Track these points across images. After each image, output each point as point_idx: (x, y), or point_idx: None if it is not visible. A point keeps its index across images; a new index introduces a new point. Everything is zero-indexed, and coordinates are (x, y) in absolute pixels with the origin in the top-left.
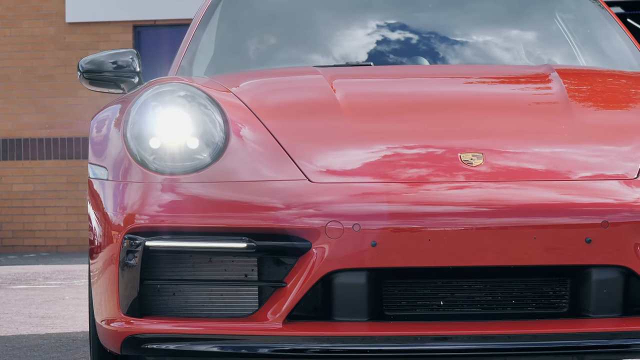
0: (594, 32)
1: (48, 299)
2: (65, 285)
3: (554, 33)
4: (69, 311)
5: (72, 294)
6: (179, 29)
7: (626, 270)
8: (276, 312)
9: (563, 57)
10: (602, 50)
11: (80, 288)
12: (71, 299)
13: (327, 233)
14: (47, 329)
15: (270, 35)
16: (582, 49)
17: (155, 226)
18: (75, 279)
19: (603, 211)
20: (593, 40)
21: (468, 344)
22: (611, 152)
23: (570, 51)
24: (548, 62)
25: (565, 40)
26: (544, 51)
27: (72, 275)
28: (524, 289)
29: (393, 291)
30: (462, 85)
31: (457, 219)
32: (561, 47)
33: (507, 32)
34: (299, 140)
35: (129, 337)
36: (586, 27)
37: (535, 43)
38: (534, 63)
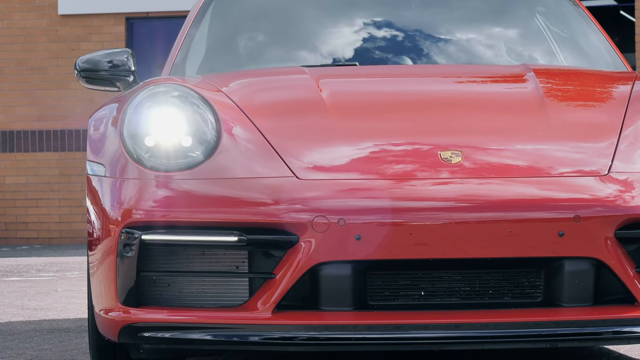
0: (572, 31)
1: (40, 291)
2: (58, 277)
3: (534, 31)
4: (62, 303)
5: (65, 286)
6: (171, 21)
7: (597, 262)
8: (266, 302)
9: (543, 54)
10: (580, 49)
11: (72, 280)
12: (64, 291)
13: (313, 227)
14: (40, 321)
15: (261, 34)
16: (561, 48)
17: (151, 221)
18: (67, 271)
19: (575, 206)
20: (571, 39)
21: (448, 332)
22: (584, 149)
23: (550, 49)
24: (529, 58)
25: (545, 39)
26: (525, 48)
27: (65, 268)
28: (501, 279)
29: (376, 282)
30: (443, 84)
31: (437, 214)
32: (541, 45)
33: (489, 30)
34: (287, 138)
35: (126, 326)
36: (565, 26)
37: (517, 40)
38: (515, 60)
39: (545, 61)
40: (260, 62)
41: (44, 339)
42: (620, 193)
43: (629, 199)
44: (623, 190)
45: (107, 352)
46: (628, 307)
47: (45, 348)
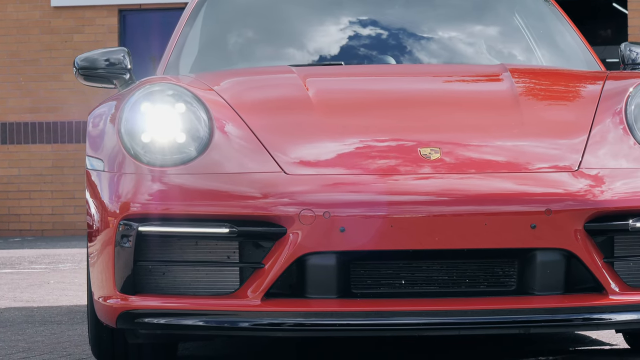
0: (549, 30)
1: (33, 283)
2: (50, 269)
3: (513, 30)
4: (54, 295)
5: (57, 278)
6: (164, 13)
7: (567, 252)
8: (255, 290)
9: (522, 52)
10: (556, 48)
11: (65, 272)
12: (56, 283)
13: (300, 220)
14: (32, 313)
15: (252, 34)
16: (539, 46)
17: (147, 213)
18: (60, 263)
19: (546, 200)
20: (548, 38)
21: (427, 318)
22: (555, 146)
23: (529, 47)
24: (508, 56)
25: (524, 37)
26: (504, 46)
27: (57, 260)
28: (477, 269)
29: (359, 271)
30: (423, 83)
31: (416, 207)
32: (520, 44)
33: (470, 29)
34: (276, 135)
35: (124, 312)
36: (542, 25)
37: (497, 38)
38: (495, 57)
39: (524, 58)
40: (251, 60)
41: (36, 331)
42: (590, 188)
43: (597, 193)
44: (592, 185)
45: (106, 337)
46: (597, 295)
47: (37, 340)
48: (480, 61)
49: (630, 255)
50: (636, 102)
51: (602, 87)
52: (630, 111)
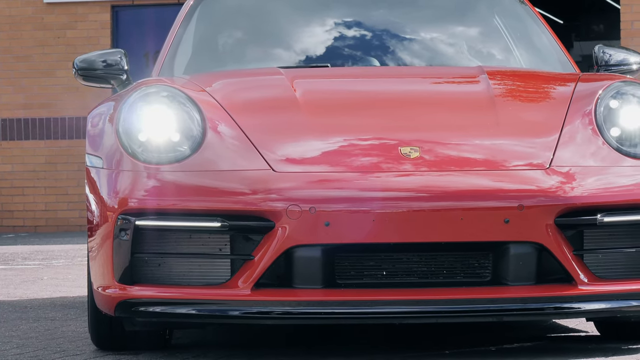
0: (527, 33)
1: (26, 279)
2: (44, 265)
3: (494, 32)
4: (47, 291)
5: (51, 274)
6: (156, 9)
7: (539, 245)
8: (245, 281)
9: (501, 53)
10: (533, 50)
11: (58, 268)
12: (49, 279)
13: (287, 214)
14: (26, 309)
15: (243, 37)
16: (518, 48)
17: (144, 208)
18: (53, 259)
19: (519, 196)
20: (526, 40)
21: (407, 307)
22: (528, 144)
23: (508, 48)
24: (488, 56)
25: (503, 39)
26: (484, 46)
27: (51, 256)
28: (454, 261)
29: (343, 263)
30: (405, 85)
31: (397, 203)
32: (500, 45)
33: (452, 31)
34: (264, 134)
35: (122, 301)
36: (521, 28)
37: (478, 39)
38: (476, 58)
39: (503, 58)
40: (242, 62)
41: (30, 327)
42: (560, 184)
43: (567, 189)
44: (562, 182)
45: (104, 325)
46: (567, 285)
47: (31, 336)
48: (462, 62)
49: (598, 248)
50: (605, 103)
51: (573, 89)
52: (599, 112)
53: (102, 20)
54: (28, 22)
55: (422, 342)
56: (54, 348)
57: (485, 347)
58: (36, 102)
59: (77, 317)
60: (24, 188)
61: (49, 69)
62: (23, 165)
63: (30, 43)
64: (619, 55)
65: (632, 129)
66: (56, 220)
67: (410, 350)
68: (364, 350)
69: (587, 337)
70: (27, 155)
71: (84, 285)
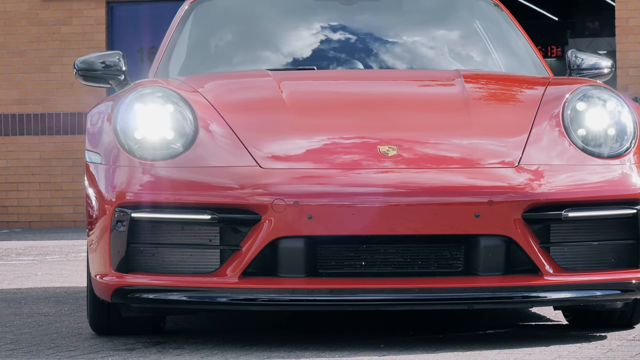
0: (505, 37)
1: (21, 275)
2: (38, 261)
3: (474, 36)
4: (42, 287)
5: (45, 270)
6: (151, 5)
7: (507, 238)
8: (234, 270)
9: (481, 56)
10: (510, 54)
11: (52, 264)
12: (43, 275)
13: (273, 208)
14: (19, 305)
15: (234, 40)
16: (496, 51)
17: (140, 201)
18: (47, 255)
19: (489, 192)
20: (503, 45)
21: (384, 295)
22: (498, 144)
23: (487, 52)
24: (468, 58)
25: (483, 43)
26: (465, 49)
27: (45, 252)
28: (428, 252)
29: (325, 254)
30: (385, 87)
31: (375, 198)
32: (480, 49)
33: (434, 35)
34: (252, 132)
35: (118, 288)
36: (499, 33)
37: (459, 43)
38: (457, 60)
39: (482, 61)
40: (234, 64)
41: (24, 322)
42: (528, 181)
43: (535, 186)
44: (530, 179)
45: (102, 311)
46: (534, 276)
47: (25, 332)
48: (443, 64)
49: (564, 241)
50: (572, 106)
51: (543, 92)
52: (566, 115)
53: (97, 16)
54: (23, 18)
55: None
56: (48, 344)
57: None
58: (31, 97)
59: (71, 312)
60: (18, 184)
61: (43, 64)
62: (17, 161)
63: (25, 39)
64: (590, 59)
65: (597, 130)
66: (50, 216)
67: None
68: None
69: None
70: (22, 150)
71: (78, 281)
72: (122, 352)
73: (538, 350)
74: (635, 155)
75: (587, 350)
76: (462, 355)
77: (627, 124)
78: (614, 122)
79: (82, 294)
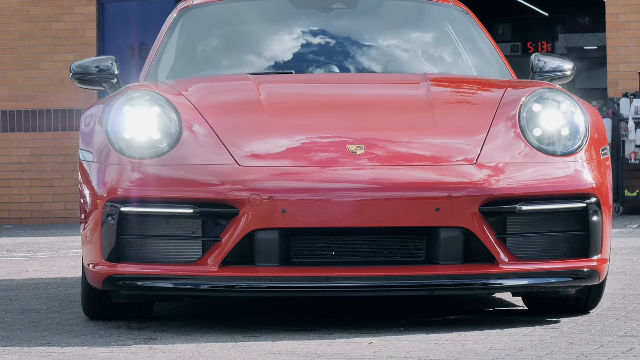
0: (473, 42)
1: (11, 272)
2: (29, 258)
3: (446, 40)
4: (32, 284)
5: (36, 267)
6: (142, 2)
7: (466, 230)
8: (214, 259)
9: (452, 60)
10: (477, 58)
11: (43, 261)
12: (34, 271)
13: (250, 203)
14: (11, 302)
15: (220, 45)
16: (466, 55)
17: (128, 197)
18: (38, 251)
19: (448, 187)
20: (472, 49)
21: (352, 282)
22: (459, 143)
23: (459, 56)
24: (440, 61)
25: (455, 46)
26: (437, 52)
27: (36, 248)
28: (393, 243)
29: (298, 245)
30: (355, 90)
31: (343, 193)
32: (451, 53)
33: (408, 40)
34: (232, 132)
35: (109, 276)
36: (468, 39)
37: (433, 46)
38: (431, 63)
39: (454, 64)
40: (219, 68)
41: (15, 319)
42: (485, 178)
43: (491, 182)
44: (487, 176)
45: (95, 298)
46: (490, 265)
47: (16, 329)
48: (415, 67)
49: (519, 233)
50: (527, 108)
51: (502, 95)
52: (522, 117)
53: (88, 13)
54: (14, 15)
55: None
56: (39, 341)
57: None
58: (22, 94)
59: (62, 309)
60: (9, 180)
61: (34, 61)
62: (8, 158)
63: (15, 35)
64: (554, 62)
65: (551, 130)
66: (41, 213)
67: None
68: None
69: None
70: (13, 147)
71: (68, 278)
72: (114, 348)
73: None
74: (587, 153)
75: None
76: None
77: (580, 124)
78: (567, 123)
79: (74, 291)
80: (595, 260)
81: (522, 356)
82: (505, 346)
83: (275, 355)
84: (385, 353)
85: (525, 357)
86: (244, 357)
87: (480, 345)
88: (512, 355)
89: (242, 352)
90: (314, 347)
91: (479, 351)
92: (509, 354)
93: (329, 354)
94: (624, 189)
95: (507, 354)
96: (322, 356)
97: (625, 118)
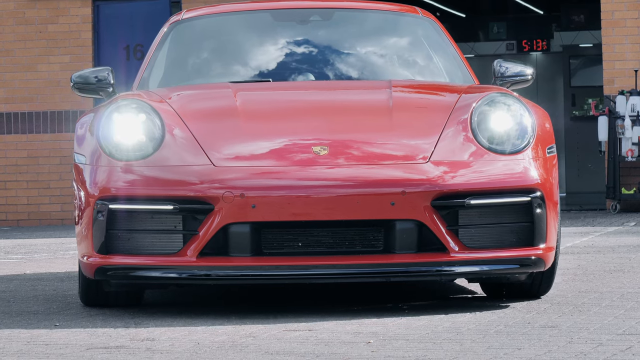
0: (441, 49)
1: (9, 273)
2: (26, 259)
3: (414, 48)
4: (30, 285)
5: (33, 268)
6: (137, 4)
7: (419, 222)
8: (193, 251)
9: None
10: (443, 63)
11: (41, 262)
12: (32, 273)
13: (223, 199)
14: (8, 303)
15: (206, 56)
16: (434, 61)
17: (117, 195)
18: (36, 253)
19: (402, 184)
20: (439, 55)
21: (317, 270)
22: (413, 143)
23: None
24: (412, 63)
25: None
26: (410, 54)
27: (33, 250)
28: (353, 234)
29: (268, 237)
30: (324, 95)
31: (307, 190)
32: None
33: (380, 48)
34: (209, 136)
35: (99, 267)
36: (436, 47)
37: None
38: (403, 69)
39: (420, 67)
40: (204, 77)
41: (13, 321)
42: (436, 175)
43: (443, 179)
44: (438, 173)
45: (90, 287)
46: (442, 254)
47: (15, 330)
48: (386, 74)
49: (469, 224)
50: (478, 111)
51: (457, 99)
52: (473, 120)
53: (83, 15)
54: (10, 17)
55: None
56: (38, 342)
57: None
58: (18, 96)
59: (59, 310)
60: (6, 182)
61: (30, 63)
62: (5, 160)
63: (11, 37)
64: (515, 68)
65: (500, 130)
66: (38, 214)
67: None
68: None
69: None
70: (9, 149)
71: (66, 279)
72: (112, 350)
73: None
74: (533, 151)
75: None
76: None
77: (527, 125)
78: (516, 124)
79: (71, 292)
80: (540, 249)
81: (520, 354)
82: (503, 345)
83: (272, 355)
84: (382, 352)
85: (523, 355)
86: (241, 357)
87: (478, 344)
88: (510, 354)
89: (239, 352)
90: (311, 347)
91: (476, 350)
92: (507, 352)
93: (327, 353)
94: (621, 187)
95: (505, 352)
96: (319, 356)
97: (622, 115)
